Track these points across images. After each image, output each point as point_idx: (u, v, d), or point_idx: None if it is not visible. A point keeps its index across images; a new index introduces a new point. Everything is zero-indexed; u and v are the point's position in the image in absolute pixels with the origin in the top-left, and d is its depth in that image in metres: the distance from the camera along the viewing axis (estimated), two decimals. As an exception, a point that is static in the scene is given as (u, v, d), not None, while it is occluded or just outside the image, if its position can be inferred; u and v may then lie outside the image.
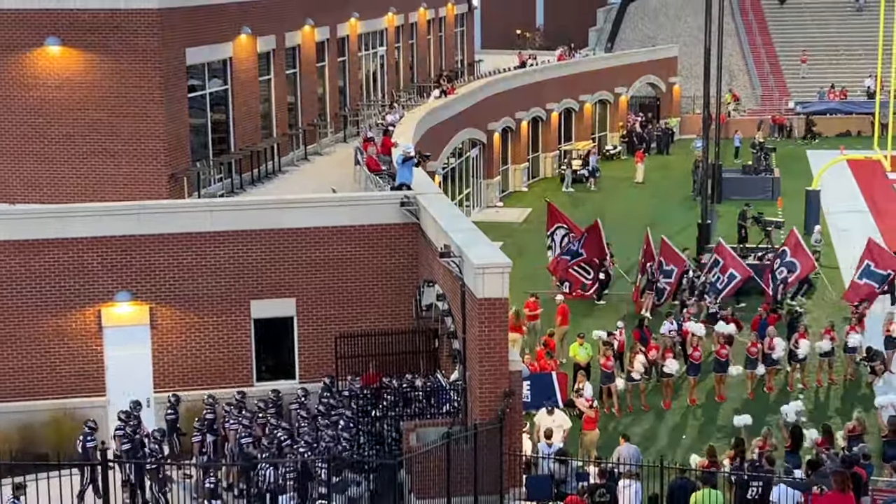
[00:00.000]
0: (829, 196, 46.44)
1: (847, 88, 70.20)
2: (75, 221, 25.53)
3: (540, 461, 22.55)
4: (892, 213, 46.76)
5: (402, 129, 36.08)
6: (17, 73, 29.26)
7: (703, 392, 29.49)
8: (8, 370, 25.24)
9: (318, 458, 20.94)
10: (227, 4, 32.86)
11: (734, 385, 29.47)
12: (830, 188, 48.10)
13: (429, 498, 20.63)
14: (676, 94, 68.30)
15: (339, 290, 26.10)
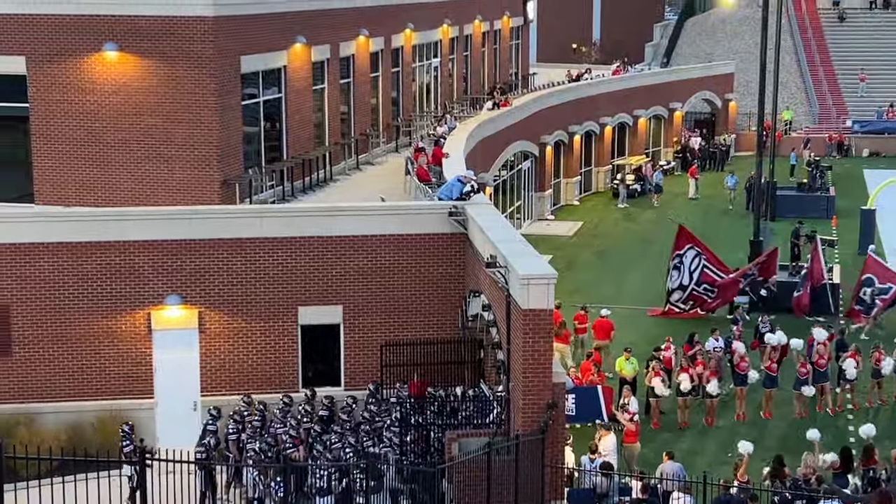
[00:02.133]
0: (885, 216, 45.90)
1: (903, 109, 69.56)
2: (128, 225, 25.78)
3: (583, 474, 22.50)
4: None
5: (453, 140, 36.14)
6: (75, 77, 29.59)
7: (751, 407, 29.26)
8: (58, 370, 25.51)
9: (358, 464, 21.02)
10: (282, 13, 33.09)
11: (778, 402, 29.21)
12: (887, 208, 47.54)
13: (470, 508, 20.67)
14: (732, 110, 67.89)
15: (386, 299, 26.16)
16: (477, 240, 24.66)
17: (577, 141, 54.29)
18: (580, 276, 40.13)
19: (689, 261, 35.43)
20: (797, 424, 28.20)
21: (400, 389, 24.70)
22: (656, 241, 46.77)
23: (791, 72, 73.56)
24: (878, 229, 43.73)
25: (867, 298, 33.80)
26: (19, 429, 24.14)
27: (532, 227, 47.67)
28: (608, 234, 48.57)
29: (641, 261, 43.57)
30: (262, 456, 22.24)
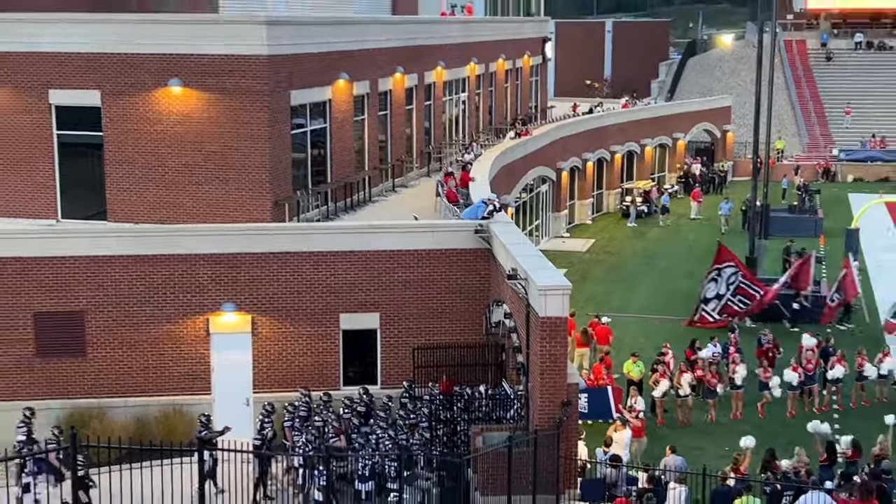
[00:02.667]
0: (868, 235, 45.67)
1: (887, 138, 69.19)
2: (190, 240, 26.02)
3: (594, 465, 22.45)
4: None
5: (479, 165, 36.20)
6: (144, 109, 29.76)
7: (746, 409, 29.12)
8: (127, 370, 25.76)
9: (391, 454, 21.06)
10: (327, 53, 33.22)
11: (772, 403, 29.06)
12: (869, 228, 47.32)
13: (492, 495, 20.61)
14: (730, 140, 67.76)
15: (418, 307, 26.26)
16: (500, 254, 24.73)
17: (590, 167, 54.28)
18: (593, 287, 40.06)
19: (728, 275, 35.15)
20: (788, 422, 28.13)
21: (431, 388, 24.78)
22: (662, 256, 46.77)
23: (783, 105, 73.29)
24: (861, 249, 43.52)
25: None
26: (92, 422, 24.36)
27: (549, 244, 47.62)
28: (618, 250, 48.51)
29: (648, 274, 43.54)
30: (308, 446, 22.35)
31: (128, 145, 29.94)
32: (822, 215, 51.57)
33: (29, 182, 30.60)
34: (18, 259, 25.40)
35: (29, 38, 30.13)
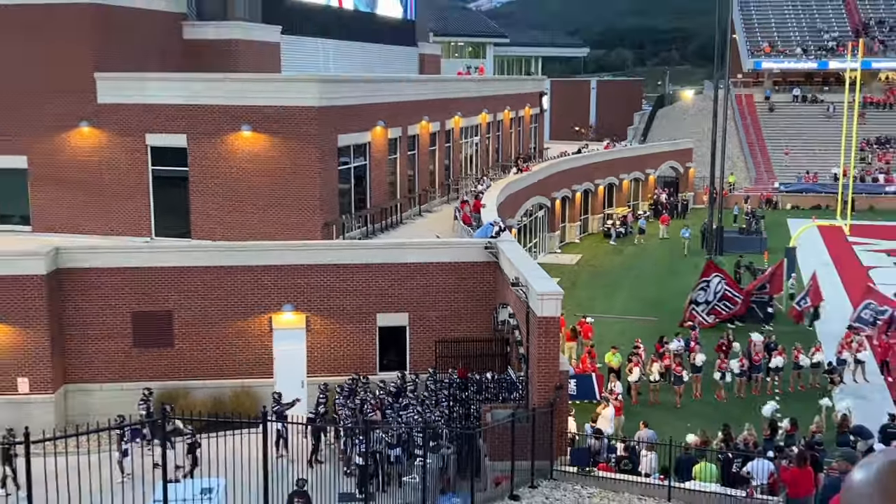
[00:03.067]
0: (804, 252, 45.37)
1: (818, 174, 68.87)
2: (257, 254, 26.17)
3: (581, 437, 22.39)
4: (849, 267, 45.68)
5: (489, 195, 36.22)
6: (222, 149, 30.01)
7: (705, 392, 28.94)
8: (206, 357, 25.86)
9: (418, 426, 21.04)
10: (367, 105, 33.40)
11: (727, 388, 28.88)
12: (805, 247, 47.01)
13: (498, 461, 20.58)
14: (691, 175, 67.48)
15: (439, 308, 26.29)
16: (505, 266, 24.75)
17: (579, 196, 54.20)
18: (580, 293, 39.90)
19: (715, 284, 34.80)
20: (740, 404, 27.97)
21: (449, 374, 24.78)
22: (636, 269, 46.57)
23: (734, 147, 72.95)
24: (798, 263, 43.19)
25: (868, 317, 33.26)
26: (179, 399, 24.46)
27: (545, 258, 47.49)
28: (601, 263, 48.38)
29: (626, 283, 43.37)
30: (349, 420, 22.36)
31: (208, 178, 30.16)
32: (766, 236, 51.32)
33: (129, 207, 30.87)
34: (120, 269, 25.57)
35: (134, 93, 30.50)
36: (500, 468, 20.42)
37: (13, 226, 31.67)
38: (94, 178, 30.80)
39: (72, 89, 30.25)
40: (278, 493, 17.85)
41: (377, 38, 48.79)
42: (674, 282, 42.75)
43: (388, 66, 48.95)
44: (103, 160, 30.74)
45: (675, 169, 66.68)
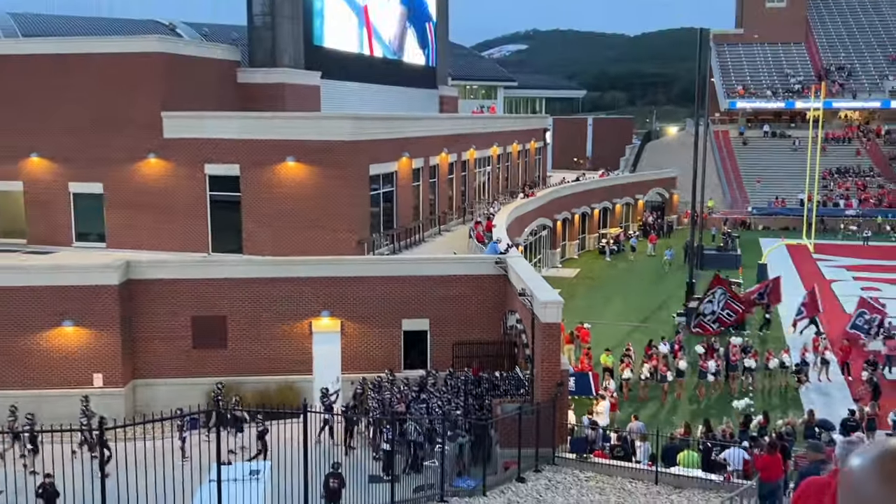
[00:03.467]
0: (773, 267, 45.03)
1: (786, 199, 68.41)
2: (299, 267, 26.20)
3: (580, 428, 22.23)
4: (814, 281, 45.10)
5: (499, 216, 36.21)
6: (270, 177, 30.15)
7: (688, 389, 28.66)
8: (255, 356, 25.89)
9: (438, 417, 20.95)
10: (394, 139, 33.52)
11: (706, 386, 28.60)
12: (774, 262, 46.66)
13: (508, 448, 20.47)
14: (675, 200, 67.11)
15: (456, 314, 26.20)
16: (513, 278, 24.69)
17: (577, 218, 54.03)
18: (578, 302, 39.62)
19: (718, 296, 34.09)
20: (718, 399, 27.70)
21: (465, 372, 24.68)
22: (628, 281, 46.33)
23: (712, 176, 72.41)
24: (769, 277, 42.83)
25: (862, 324, 32.88)
26: (232, 391, 24.48)
27: (548, 272, 47.28)
28: (597, 276, 48.13)
29: (618, 294, 43.11)
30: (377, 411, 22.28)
31: (257, 202, 30.29)
32: (741, 253, 50.93)
33: (190, 226, 30.99)
34: (182, 280, 25.70)
35: (194, 129, 30.70)
36: (508, 454, 20.31)
37: (91, 243, 31.91)
38: (160, 202, 30.97)
39: (142, 125, 30.52)
40: (317, 475, 17.80)
41: (403, 82, 49.00)
42: (660, 293, 42.50)
43: (412, 105, 49.12)
44: (168, 186, 30.93)
45: (661, 195, 66.42)
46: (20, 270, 24.89)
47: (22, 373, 24.25)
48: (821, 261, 50.68)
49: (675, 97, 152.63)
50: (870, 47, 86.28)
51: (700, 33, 43.61)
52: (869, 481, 1.46)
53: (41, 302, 24.30)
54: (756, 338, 33.41)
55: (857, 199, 68.29)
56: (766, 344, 32.34)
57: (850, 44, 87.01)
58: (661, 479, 19.18)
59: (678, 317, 36.61)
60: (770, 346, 30.05)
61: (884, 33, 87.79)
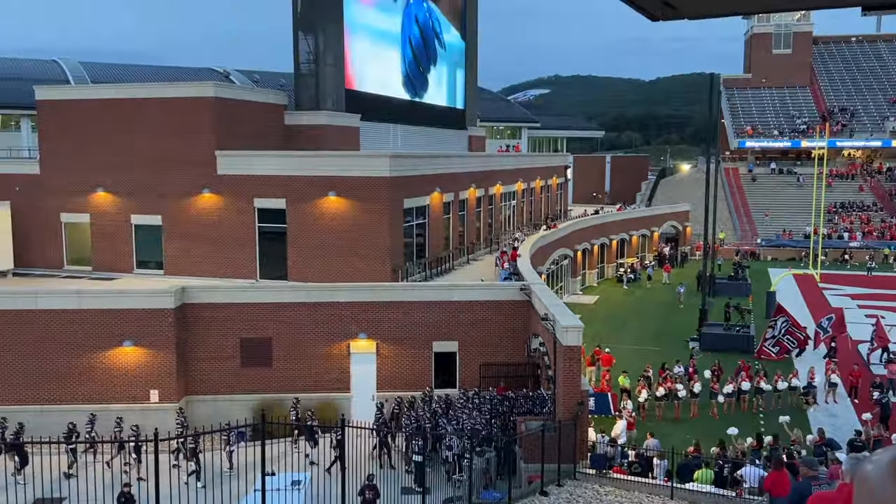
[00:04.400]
0: (782, 296, 44.32)
1: (793, 232, 67.49)
2: (339, 293, 26.31)
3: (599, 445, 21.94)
4: (820, 308, 44.40)
5: (524, 247, 36.14)
6: (313, 210, 30.34)
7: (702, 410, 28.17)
8: (298, 375, 25.97)
9: (465, 434, 20.80)
10: (427, 175, 33.69)
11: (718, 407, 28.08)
12: (783, 291, 45.94)
13: (531, 463, 20.25)
14: (689, 232, 66.57)
15: (483, 337, 26.12)
16: (536, 304, 24.57)
17: (596, 248, 53.79)
18: (598, 327, 39.28)
19: (780, 323, 33.45)
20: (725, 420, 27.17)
21: (491, 391, 24.51)
22: (644, 308, 45.87)
23: (723, 210, 71.83)
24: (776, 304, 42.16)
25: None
26: (274, 408, 24.54)
27: (569, 299, 46.96)
28: (615, 303, 47.71)
29: (635, 320, 42.67)
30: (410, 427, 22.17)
31: (301, 233, 30.45)
32: (751, 282, 50.26)
33: (240, 255, 31.22)
34: (232, 304, 25.92)
35: (245, 166, 31.06)
36: (532, 469, 20.07)
37: (150, 270, 32.32)
38: (213, 233, 31.28)
39: (197, 163, 30.97)
40: (353, 486, 17.74)
41: (435, 123, 49.41)
42: (675, 319, 41.95)
43: (443, 145, 49.46)
44: (220, 219, 31.27)
45: (675, 227, 65.91)
46: (87, 295, 25.29)
47: (87, 388, 24.56)
48: (827, 290, 49.82)
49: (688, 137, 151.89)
50: (871, 90, 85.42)
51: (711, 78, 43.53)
52: (885, 484, 1.43)
53: (105, 324, 24.65)
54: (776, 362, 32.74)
55: (861, 232, 67.15)
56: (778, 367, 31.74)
57: (852, 87, 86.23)
58: (676, 495, 18.81)
59: (692, 341, 36.13)
60: (779, 370, 29.46)
61: (884, 77, 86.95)
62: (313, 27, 37.46)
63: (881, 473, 1.45)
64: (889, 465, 1.45)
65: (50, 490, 18.77)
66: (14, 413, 23.24)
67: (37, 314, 24.55)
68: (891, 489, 1.42)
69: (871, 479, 1.46)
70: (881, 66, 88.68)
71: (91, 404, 24.01)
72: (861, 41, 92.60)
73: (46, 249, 33.18)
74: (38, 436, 17.82)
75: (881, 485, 1.44)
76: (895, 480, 1.42)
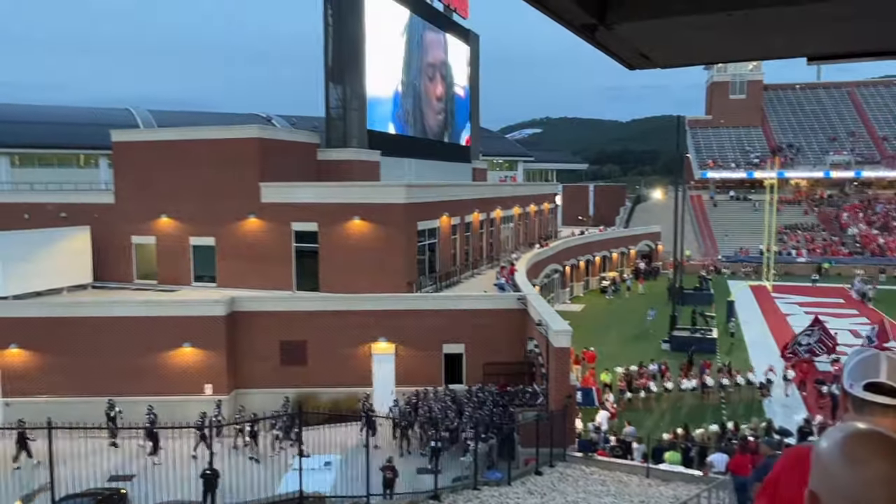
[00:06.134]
0: (739, 304, 44.07)
1: (749, 249, 67.15)
2: (363, 302, 26.34)
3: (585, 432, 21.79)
4: (773, 314, 44.13)
5: (520, 263, 36.07)
6: (339, 232, 30.37)
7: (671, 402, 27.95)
8: (328, 372, 25.94)
9: (469, 423, 20.71)
10: (437, 202, 33.73)
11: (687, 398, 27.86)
12: (740, 300, 45.63)
13: (527, 447, 20.13)
14: (660, 249, 66.27)
15: (486, 340, 26.04)
16: (532, 312, 24.51)
17: (582, 264, 53.57)
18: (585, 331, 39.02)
19: (816, 331, 31.70)
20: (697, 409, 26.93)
21: (493, 387, 24.41)
22: (624, 314, 45.59)
23: (689, 231, 71.63)
24: (736, 311, 41.94)
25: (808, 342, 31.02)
26: (309, 401, 24.50)
27: (559, 307, 46.56)
28: (599, 311, 47.47)
29: (617, 325, 42.34)
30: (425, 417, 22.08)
31: (331, 251, 30.46)
32: (713, 292, 49.94)
33: (279, 270, 31.23)
34: (273, 312, 26.01)
35: (284, 195, 31.19)
36: (528, 453, 19.97)
37: (205, 283, 32.42)
38: (257, 251, 31.33)
39: (244, 193, 31.12)
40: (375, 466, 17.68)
41: (444, 158, 49.59)
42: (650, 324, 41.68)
43: (451, 176, 49.60)
44: (263, 239, 31.32)
45: (649, 245, 65.70)
46: (155, 305, 25.43)
47: (154, 383, 24.63)
48: (778, 298, 49.44)
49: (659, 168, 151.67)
50: (813, 129, 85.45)
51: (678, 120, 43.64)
52: (834, 462, 1.34)
53: (168, 329, 24.77)
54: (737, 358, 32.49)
55: (806, 249, 66.78)
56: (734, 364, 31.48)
57: (797, 126, 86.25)
58: (651, 474, 18.66)
59: (664, 343, 35.86)
60: (738, 367, 29.22)
61: (824, 118, 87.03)
62: (341, 79, 37.77)
63: (832, 451, 1.37)
64: (839, 444, 1.37)
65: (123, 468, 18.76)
66: (96, 404, 23.31)
67: (113, 321, 24.69)
68: (838, 468, 1.34)
69: (823, 456, 1.37)
70: (821, 109, 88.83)
71: (157, 396, 24.05)
72: (804, 88, 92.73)
73: (119, 266, 33.38)
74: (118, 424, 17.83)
75: (831, 463, 1.35)
76: (843, 460, 1.34)
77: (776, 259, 57.65)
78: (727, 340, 35.73)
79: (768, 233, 56.24)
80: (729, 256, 66.95)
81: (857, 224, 71.15)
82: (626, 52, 2.29)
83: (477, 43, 56.60)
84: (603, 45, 2.20)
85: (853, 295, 50.37)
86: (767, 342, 35.18)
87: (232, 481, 15.80)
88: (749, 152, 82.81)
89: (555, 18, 2.01)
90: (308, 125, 51.54)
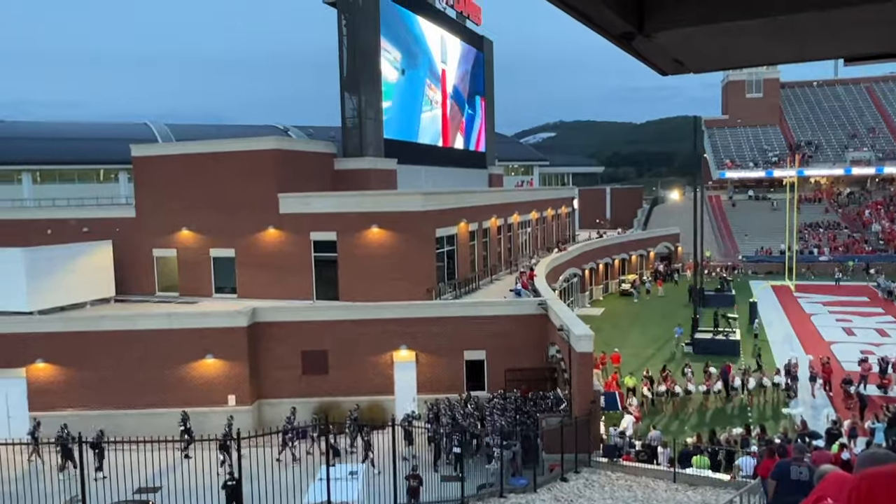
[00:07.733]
0: (762, 304, 43.52)
1: (770, 249, 66.33)
2: (383, 310, 26.34)
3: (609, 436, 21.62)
4: (795, 314, 43.52)
5: (539, 267, 35.93)
6: (359, 241, 30.37)
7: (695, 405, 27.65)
8: (350, 381, 25.96)
9: (494, 430, 20.64)
10: (455, 208, 33.67)
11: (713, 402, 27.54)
12: (762, 300, 45.07)
13: (552, 453, 20.02)
14: (679, 251, 65.73)
15: (507, 346, 25.94)
16: (552, 316, 24.40)
17: (602, 267, 53.28)
18: (605, 335, 38.77)
19: None
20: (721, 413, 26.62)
21: (516, 393, 24.32)
22: (643, 317, 45.26)
23: (709, 231, 70.94)
24: (759, 312, 41.41)
25: None
26: (332, 408, 24.56)
27: (579, 311, 46.32)
28: (619, 314, 47.14)
29: (636, 327, 42.08)
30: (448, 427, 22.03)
31: (350, 260, 30.45)
32: (734, 293, 49.39)
33: (299, 280, 31.29)
34: (294, 321, 26.11)
35: (302, 206, 31.30)
36: (553, 459, 19.86)
37: (226, 294, 32.62)
38: (277, 262, 31.45)
39: (263, 204, 31.31)
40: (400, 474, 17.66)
41: (461, 164, 49.60)
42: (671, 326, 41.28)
43: (468, 182, 49.59)
44: (282, 250, 31.45)
45: (668, 247, 65.16)
46: (177, 317, 25.67)
47: (177, 395, 24.84)
48: (801, 298, 48.78)
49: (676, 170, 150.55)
50: (832, 126, 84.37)
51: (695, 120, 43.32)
52: None
53: (191, 340, 24.98)
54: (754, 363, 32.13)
55: (828, 248, 65.87)
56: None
57: (815, 124, 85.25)
58: (678, 479, 18.47)
59: (686, 346, 35.51)
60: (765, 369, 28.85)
61: (842, 114, 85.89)
62: (356, 89, 37.99)
63: None
64: None
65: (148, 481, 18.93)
66: (120, 417, 23.57)
67: (136, 334, 24.96)
68: None
69: None
70: (839, 105, 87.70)
71: (180, 407, 24.25)
72: (821, 85, 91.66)
73: (141, 279, 33.75)
74: (142, 436, 18.03)
75: None
76: None
77: (798, 258, 56.88)
78: (751, 342, 35.27)
79: (789, 232, 55.53)
80: (750, 256, 66.22)
81: (880, 221, 70.08)
82: (661, 59, 2.31)
83: (490, 49, 56.70)
84: (639, 53, 2.22)
85: (879, 294, 49.57)
86: (792, 343, 34.67)
87: (258, 490, 15.88)
88: (767, 151, 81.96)
89: (594, 29, 2.03)
90: (324, 135, 51.85)
